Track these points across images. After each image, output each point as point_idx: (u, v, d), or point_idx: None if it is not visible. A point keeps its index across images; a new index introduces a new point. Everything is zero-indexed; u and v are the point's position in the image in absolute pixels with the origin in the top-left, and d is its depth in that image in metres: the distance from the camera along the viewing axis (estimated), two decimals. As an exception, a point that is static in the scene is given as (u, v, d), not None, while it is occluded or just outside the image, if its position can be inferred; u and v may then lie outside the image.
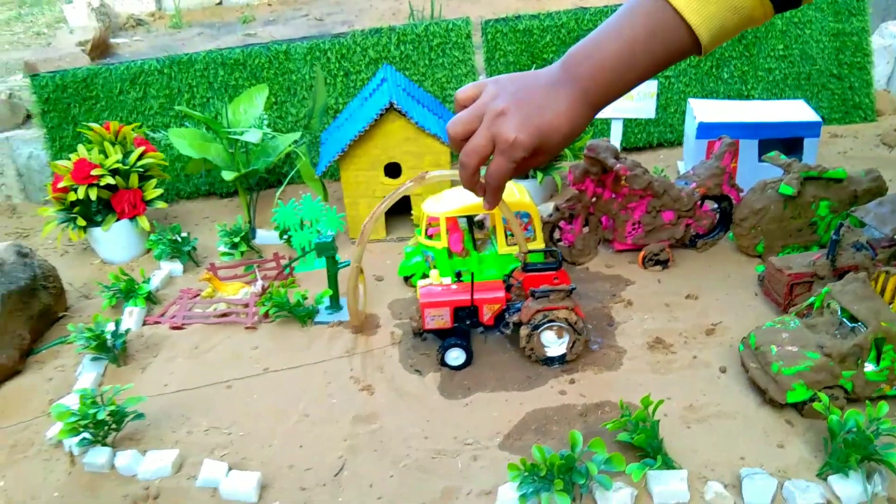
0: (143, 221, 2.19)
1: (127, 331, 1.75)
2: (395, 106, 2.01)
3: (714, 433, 1.39)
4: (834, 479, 1.24)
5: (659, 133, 2.75)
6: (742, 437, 1.38)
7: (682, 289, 1.86)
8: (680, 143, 2.70)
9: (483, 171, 0.86)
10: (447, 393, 1.56)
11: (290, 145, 2.24)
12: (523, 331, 1.59)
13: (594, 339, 1.69)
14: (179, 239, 2.15)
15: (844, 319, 1.44)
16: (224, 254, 2.18)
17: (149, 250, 2.23)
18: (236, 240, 2.15)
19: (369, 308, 1.87)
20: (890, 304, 1.42)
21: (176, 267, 2.14)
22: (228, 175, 2.15)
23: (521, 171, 0.84)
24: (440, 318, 1.63)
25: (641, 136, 2.74)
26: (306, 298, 1.84)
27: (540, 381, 1.57)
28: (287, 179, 2.43)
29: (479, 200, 0.94)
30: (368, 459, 1.39)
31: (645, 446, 1.29)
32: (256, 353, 1.74)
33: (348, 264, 1.74)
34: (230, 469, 1.36)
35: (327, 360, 1.69)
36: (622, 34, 0.80)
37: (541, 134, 0.81)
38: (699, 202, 1.95)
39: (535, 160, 0.84)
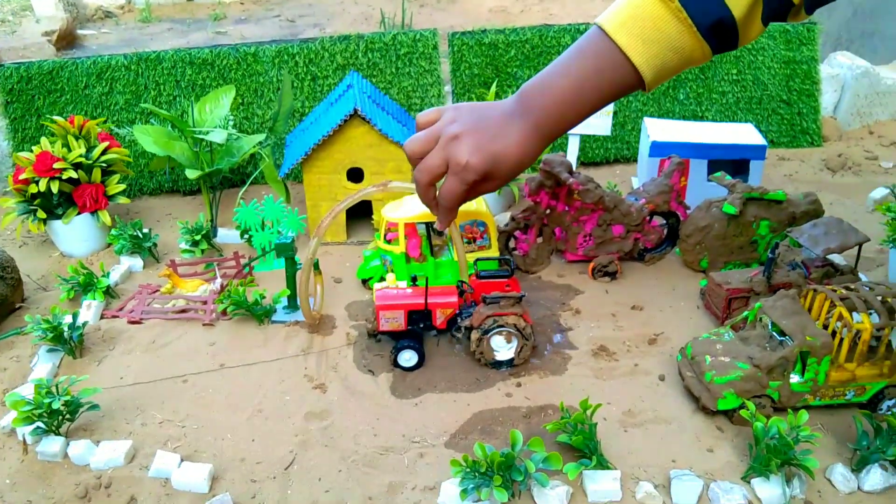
0: (105, 216, 2.20)
1: (84, 323, 1.76)
2: (360, 112, 2.06)
3: (649, 437, 1.47)
4: (756, 482, 1.33)
5: (616, 149, 2.84)
6: (675, 441, 1.45)
7: (629, 300, 1.94)
8: (636, 160, 2.79)
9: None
10: (398, 393, 1.61)
11: (254, 146, 2.27)
12: (474, 335, 1.64)
13: (544, 344, 1.75)
14: (140, 235, 2.17)
15: (774, 333, 1.52)
16: (185, 251, 2.20)
17: (109, 245, 2.23)
18: (197, 237, 2.17)
19: (326, 309, 1.92)
20: (816, 319, 1.50)
21: (136, 262, 2.15)
22: (192, 173, 2.17)
23: (472, 194, 0.88)
24: (394, 321, 1.68)
25: (599, 152, 2.83)
26: (264, 297, 1.87)
27: (488, 384, 1.63)
28: (250, 180, 2.46)
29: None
30: (318, 454, 1.44)
31: (582, 447, 1.36)
32: (213, 349, 1.77)
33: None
34: (182, 460, 1.40)
35: (282, 359, 1.73)
36: (572, 71, 0.84)
37: (492, 160, 0.85)
38: (648, 217, 2.03)
39: (486, 185, 0.88)
